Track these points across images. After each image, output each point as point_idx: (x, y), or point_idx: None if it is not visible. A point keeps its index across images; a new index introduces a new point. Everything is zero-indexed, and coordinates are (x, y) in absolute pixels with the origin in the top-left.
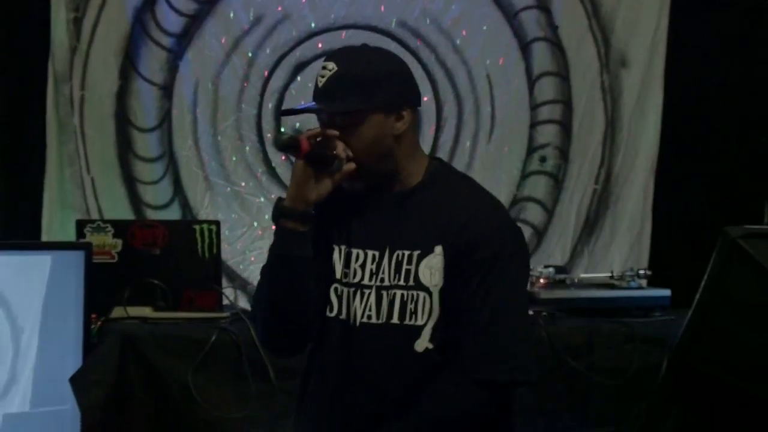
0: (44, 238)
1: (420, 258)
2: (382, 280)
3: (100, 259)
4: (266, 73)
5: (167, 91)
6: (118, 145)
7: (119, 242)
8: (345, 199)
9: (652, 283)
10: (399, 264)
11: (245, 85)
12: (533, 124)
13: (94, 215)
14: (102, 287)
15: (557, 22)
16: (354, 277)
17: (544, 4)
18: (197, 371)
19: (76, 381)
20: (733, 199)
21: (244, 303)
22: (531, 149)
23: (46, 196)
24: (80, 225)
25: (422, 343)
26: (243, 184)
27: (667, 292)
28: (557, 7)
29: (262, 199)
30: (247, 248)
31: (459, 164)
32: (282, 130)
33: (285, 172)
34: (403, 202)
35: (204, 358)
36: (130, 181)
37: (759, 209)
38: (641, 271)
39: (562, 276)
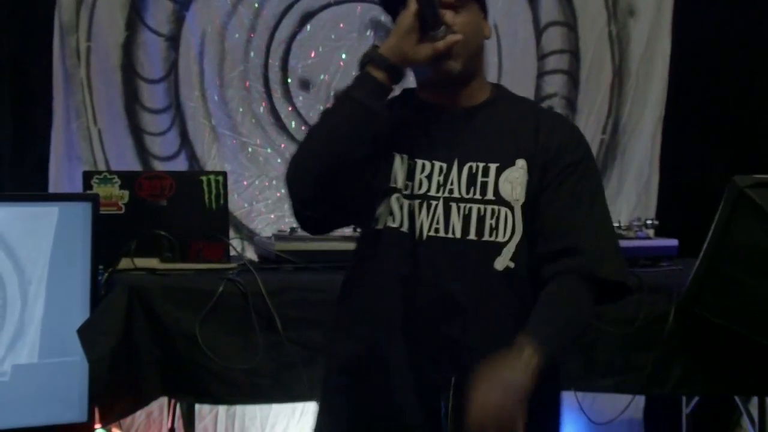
0: (51, 189)
1: (499, 171)
2: (451, 191)
3: (107, 210)
4: (273, 24)
5: (174, 42)
6: (125, 97)
7: (126, 193)
8: (408, 110)
9: (660, 232)
10: (473, 176)
11: (252, 35)
12: (540, 74)
13: (101, 167)
14: (109, 238)
15: None
16: (419, 188)
17: None
18: (204, 322)
19: (83, 332)
20: (742, 149)
21: (251, 254)
22: (538, 99)
23: (52, 148)
24: (87, 176)
25: (503, 261)
26: (250, 135)
27: (674, 242)
28: None
29: (269, 150)
30: (255, 199)
31: None
32: (289, 80)
33: (291, 123)
34: (472, 116)
35: (211, 309)
36: (136, 133)
37: (767, 158)
38: (648, 221)
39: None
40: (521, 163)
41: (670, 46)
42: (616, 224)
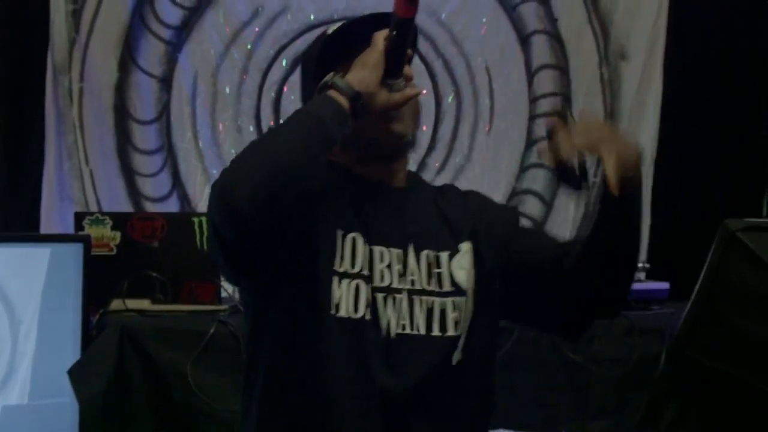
0: (43, 230)
1: (449, 258)
2: (413, 282)
3: (98, 251)
4: (265, 66)
5: (166, 83)
6: (117, 138)
7: (118, 234)
8: (346, 183)
9: (651, 275)
10: (429, 266)
11: (244, 77)
12: (532, 117)
13: (93, 207)
14: (100, 280)
15: (556, 14)
16: (382, 280)
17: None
18: (196, 363)
19: (74, 373)
20: (733, 191)
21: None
22: (530, 142)
23: (44, 189)
24: (79, 217)
25: (458, 355)
26: None
27: (665, 285)
28: None
29: None
30: None
31: (458, 157)
32: (281, 122)
33: None
34: (408, 197)
35: (203, 351)
36: (128, 174)
37: (758, 202)
38: (640, 264)
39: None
40: (466, 246)
41: (661, 89)
42: None
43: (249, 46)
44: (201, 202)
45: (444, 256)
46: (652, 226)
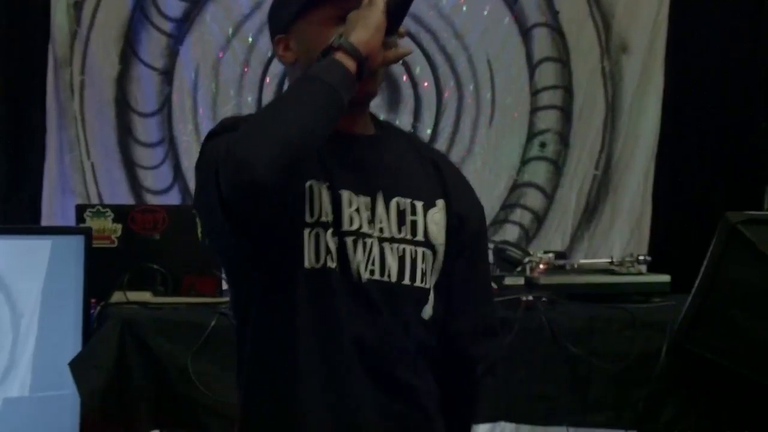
0: (44, 222)
1: (425, 209)
2: (382, 230)
3: (99, 243)
4: (267, 58)
5: (167, 76)
6: (118, 130)
7: (119, 227)
8: None
9: (652, 268)
10: (401, 213)
11: (246, 70)
12: (533, 110)
13: (94, 200)
14: (101, 272)
15: (558, 7)
16: (351, 223)
17: None
18: (197, 356)
19: (75, 366)
20: (733, 185)
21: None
22: (531, 135)
23: (46, 182)
24: (80, 209)
25: (428, 310)
26: None
27: (666, 278)
28: None
29: None
30: None
31: (459, 149)
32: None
33: None
34: (376, 146)
35: (203, 343)
36: (130, 166)
37: (759, 195)
38: (641, 257)
39: (561, 261)
40: (441, 204)
41: (663, 82)
42: (608, 260)
43: (250, 39)
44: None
45: (419, 205)
46: (653, 218)
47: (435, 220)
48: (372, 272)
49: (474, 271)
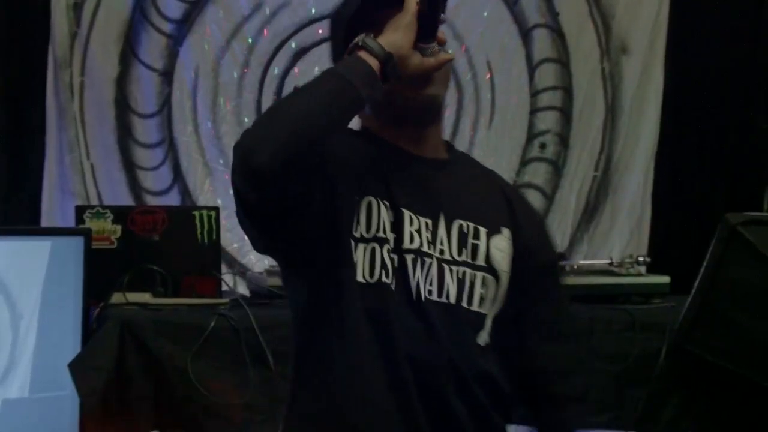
0: (44, 223)
1: (488, 236)
2: (442, 252)
3: (99, 245)
4: (266, 59)
5: (167, 77)
6: (118, 131)
7: (119, 228)
8: (375, 149)
9: (652, 269)
10: (464, 236)
11: (245, 71)
12: (533, 111)
13: (94, 201)
14: (101, 273)
15: (558, 8)
16: (411, 242)
17: None
18: (196, 357)
19: (74, 367)
20: (733, 186)
21: (243, 289)
22: (531, 136)
23: (45, 182)
24: (79, 211)
25: (484, 336)
26: None
27: (666, 279)
28: None
29: None
30: None
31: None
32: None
33: None
34: (444, 169)
35: (203, 345)
36: (129, 167)
37: (759, 196)
38: (641, 258)
39: (561, 262)
40: (507, 232)
41: (662, 83)
42: (608, 261)
43: (250, 40)
44: (202, 195)
45: (482, 230)
46: (653, 219)
47: (499, 247)
48: (430, 292)
49: (547, 309)
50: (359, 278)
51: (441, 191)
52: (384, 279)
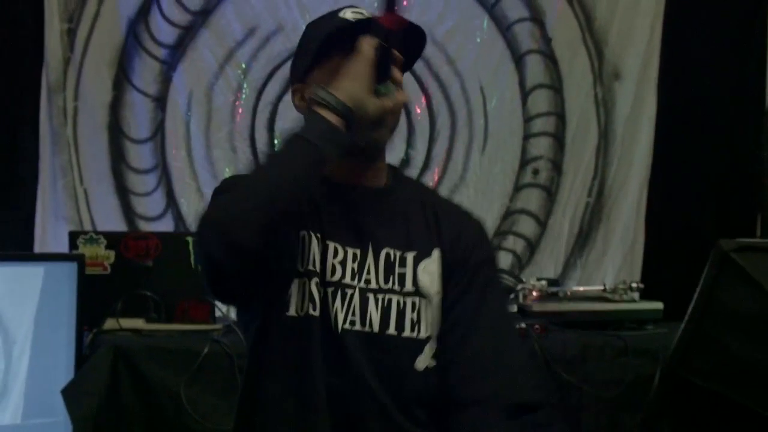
0: (37, 249)
1: (416, 261)
2: (368, 281)
3: (92, 270)
4: (260, 85)
5: (161, 102)
6: (111, 157)
7: (112, 254)
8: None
9: (645, 295)
10: (390, 265)
11: (239, 96)
12: (526, 137)
13: (87, 227)
14: (94, 299)
15: (551, 34)
16: (332, 274)
17: (538, 17)
18: (190, 383)
19: (67, 393)
20: (726, 212)
21: (236, 315)
22: (524, 162)
23: (38, 208)
24: (73, 236)
25: (424, 360)
26: None
27: (659, 305)
28: (551, 19)
29: None
30: None
31: (452, 176)
32: (275, 141)
33: None
34: (378, 199)
35: (196, 370)
36: (123, 193)
37: (751, 222)
38: (633, 284)
39: (554, 289)
40: (436, 253)
41: (655, 109)
42: (601, 287)
43: (243, 65)
44: (195, 221)
45: (410, 255)
46: (646, 245)
47: (428, 270)
48: (353, 323)
49: (472, 302)
50: (291, 312)
51: (372, 221)
52: (311, 312)
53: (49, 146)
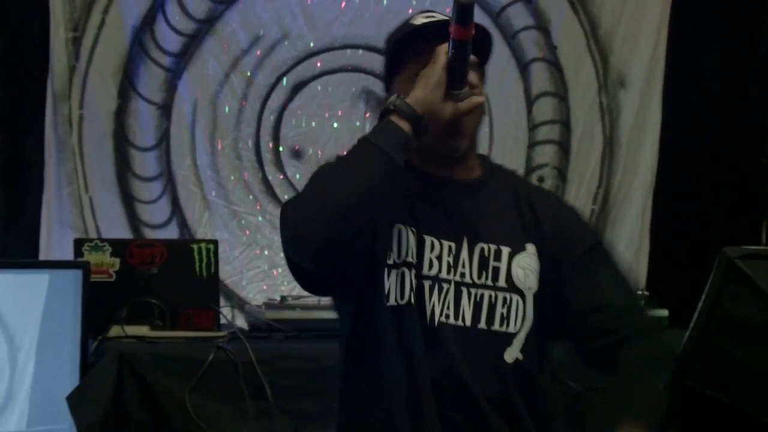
0: (42, 256)
1: (511, 256)
2: (463, 275)
3: (97, 277)
4: (265, 93)
5: (166, 110)
6: (117, 164)
7: (117, 261)
8: (409, 184)
9: (650, 303)
10: (485, 260)
11: (244, 104)
12: (531, 145)
13: (92, 234)
14: (100, 306)
15: (556, 42)
16: (430, 268)
17: (543, 25)
18: (194, 390)
19: (72, 400)
20: (731, 219)
21: (241, 322)
22: (529, 169)
23: (44, 215)
24: (78, 244)
25: (512, 353)
26: (241, 203)
27: (664, 313)
28: (556, 27)
29: (260, 219)
30: (245, 267)
31: None
32: (280, 149)
33: (283, 192)
34: (472, 191)
35: (201, 378)
36: (128, 200)
37: (757, 229)
38: (639, 292)
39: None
40: (531, 248)
41: (660, 116)
42: None
43: (248, 73)
44: (200, 228)
45: (506, 251)
46: (651, 253)
47: (522, 265)
48: (447, 316)
49: (593, 290)
50: (391, 302)
51: (467, 214)
52: (412, 301)
53: (55, 154)
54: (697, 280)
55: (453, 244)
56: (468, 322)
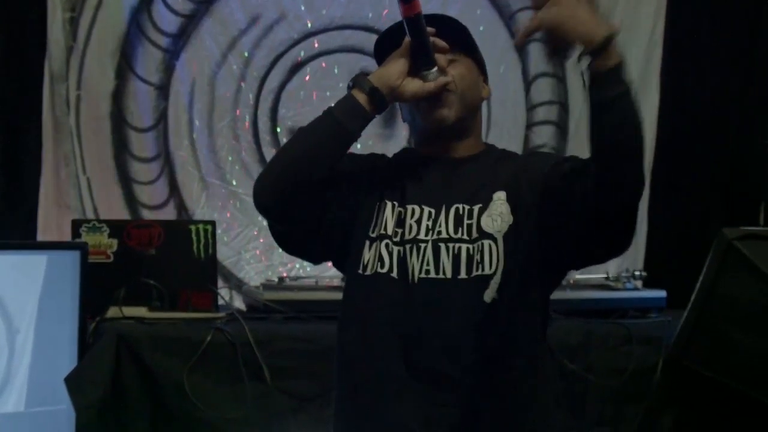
0: (40, 238)
1: (481, 211)
2: (439, 233)
3: (95, 259)
4: (263, 73)
5: (163, 90)
6: (114, 145)
7: (115, 242)
8: (405, 162)
9: (648, 284)
10: (459, 218)
11: (241, 84)
12: (529, 125)
13: (90, 215)
14: (97, 287)
15: None
16: (409, 233)
17: (541, 5)
18: (192, 371)
19: (71, 381)
20: (729, 201)
21: (239, 303)
22: (527, 150)
23: (41, 196)
24: (76, 225)
25: (490, 293)
26: (239, 184)
27: (662, 293)
28: None
29: None
30: (243, 248)
31: None
32: (278, 129)
33: None
34: (459, 165)
35: (199, 359)
36: (125, 181)
37: (755, 210)
38: (637, 273)
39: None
40: (500, 195)
41: (658, 98)
42: (603, 275)
43: (246, 54)
44: (198, 209)
45: (476, 208)
46: (649, 234)
47: (490, 214)
48: (428, 272)
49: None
50: (368, 272)
51: (448, 184)
52: (380, 270)
53: (52, 135)
54: (695, 260)
55: (433, 210)
56: (449, 274)
